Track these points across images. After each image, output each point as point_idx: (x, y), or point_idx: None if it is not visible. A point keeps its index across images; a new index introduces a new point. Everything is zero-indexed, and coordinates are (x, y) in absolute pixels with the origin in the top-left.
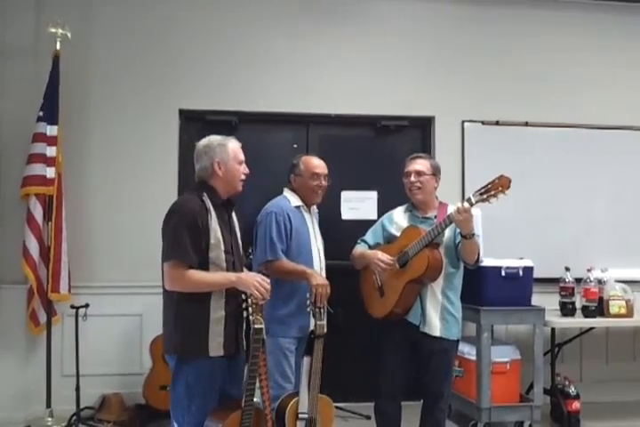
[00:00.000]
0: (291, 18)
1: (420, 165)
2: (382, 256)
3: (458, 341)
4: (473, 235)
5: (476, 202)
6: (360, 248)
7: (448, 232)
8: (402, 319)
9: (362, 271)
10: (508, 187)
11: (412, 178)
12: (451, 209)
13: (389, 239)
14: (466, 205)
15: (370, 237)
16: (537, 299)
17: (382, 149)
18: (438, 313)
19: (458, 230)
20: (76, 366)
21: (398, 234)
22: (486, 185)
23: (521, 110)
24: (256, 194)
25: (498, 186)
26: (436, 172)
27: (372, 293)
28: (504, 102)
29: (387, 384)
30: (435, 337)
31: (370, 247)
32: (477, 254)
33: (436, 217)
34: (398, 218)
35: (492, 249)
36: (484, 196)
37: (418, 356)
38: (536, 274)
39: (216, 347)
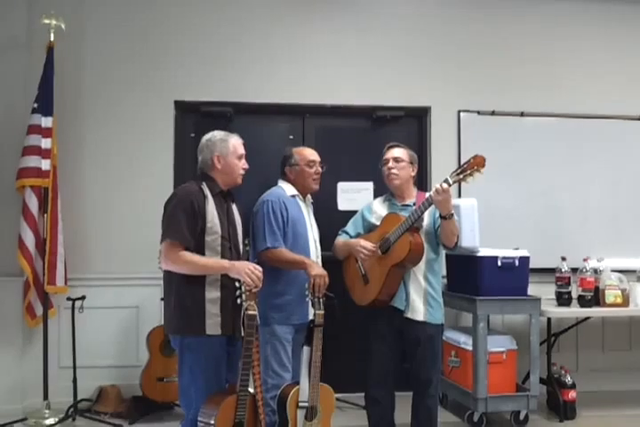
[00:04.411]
0: (286, 8)
1: (398, 152)
2: (365, 243)
3: (442, 325)
4: (452, 215)
5: (454, 182)
6: (342, 239)
7: (427, 219)
8: (387, 306)
9: (344, 261)
10: (483, 165)
11: (390, 164)
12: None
13: (370, 229)
14: (444, 185)
15: (351, 227)
16: (533, 289)
17: (378, 139)
18: (422, 298)
19: (437, 215)
20: (72, 359)
21: (378, 223)
22: (462, 165)
23: (517, 100)
24: (252, 185)
25: (473, 165)
26: (413, 160)
27: (356, 281)
28: (500, 92)
29: (375, 372)
30: (419, 322)
31: (351, 238)
32: (456, 236)
33: (414, 204)
34: (378, 207)
35: (488, 239)
36: (461, 175)
37: (404, 343)
38: (532, 264)
39: (213, 325)
